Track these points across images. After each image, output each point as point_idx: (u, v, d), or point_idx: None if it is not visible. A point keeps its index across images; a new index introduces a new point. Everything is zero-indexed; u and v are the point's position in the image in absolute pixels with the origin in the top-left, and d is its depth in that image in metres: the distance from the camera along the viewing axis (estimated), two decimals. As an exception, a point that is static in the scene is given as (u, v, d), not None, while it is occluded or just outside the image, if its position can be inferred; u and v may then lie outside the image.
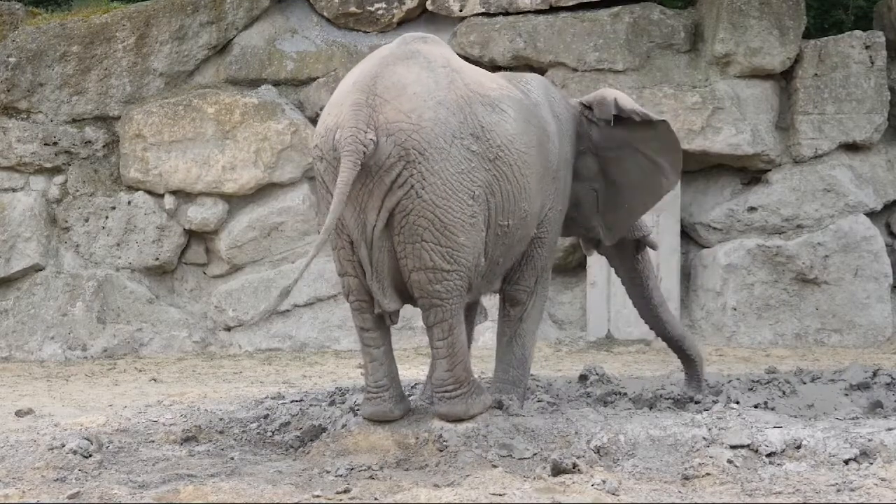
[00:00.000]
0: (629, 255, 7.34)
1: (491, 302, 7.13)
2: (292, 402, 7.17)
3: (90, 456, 6.04)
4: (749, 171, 12.35)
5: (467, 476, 5.62)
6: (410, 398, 6.63)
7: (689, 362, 7.48)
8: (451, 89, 6.04)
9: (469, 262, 6.05)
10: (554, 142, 6.58)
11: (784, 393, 7.17)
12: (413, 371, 9.30)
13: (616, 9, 12.21)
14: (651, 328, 7.55)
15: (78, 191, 11.93)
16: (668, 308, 7.59)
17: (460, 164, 5.95)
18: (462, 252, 6.00)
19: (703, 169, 12.39)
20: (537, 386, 7.50)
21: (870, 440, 5.80)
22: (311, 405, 6.91)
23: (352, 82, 6.06)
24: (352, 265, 6.10)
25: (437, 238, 5.91)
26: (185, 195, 11.95)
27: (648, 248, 7.38)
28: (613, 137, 6.92)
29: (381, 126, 5.86)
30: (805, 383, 7.57)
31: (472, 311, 6.96)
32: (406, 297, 6.15)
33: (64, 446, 6.13)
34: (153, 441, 6.52)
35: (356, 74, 6.12)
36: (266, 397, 7.57)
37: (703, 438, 5.86)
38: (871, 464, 5.65)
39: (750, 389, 7.29)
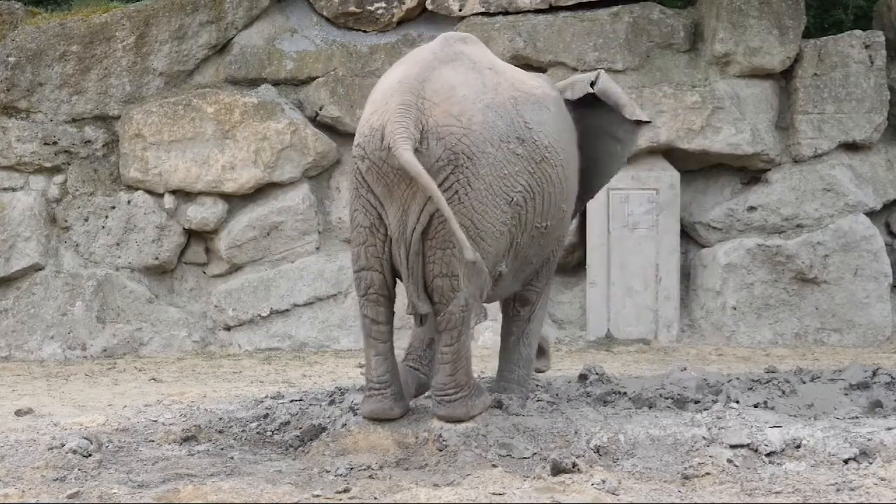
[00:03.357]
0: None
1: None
2: (292, 401, 7.17)
3: (90, 455, 6.04)
4: (749, 171, 12.36)
5: (467, 475, 5.62)
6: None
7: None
8: (498, 91, 6.02)
9: (489, 269, 6.05)
10: (575, 138, 6.60)
11: (784, 392, 7.17)
12: (413, 370, 9.28)
13: (616, 8, 12.21)
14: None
15: (78, 190, 11.93)
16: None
17: (503, 168, 5.93)
18: (486, 259, 6.00)
19: (703, 168, 12.40)
20: (537, 385, 7.50)
21: (869, 440, 5.81)
22: (310, 405, 6.91)
23: (397, 82, 5.98)
24: (379, 262, 6.06)
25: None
26: (184, 195, 11.95)
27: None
28: (581, 119, 6.84)
29: (430, 129, 5.81)
30: (805, 383, 7.57)
31: None
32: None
33: (63, 446, 6.13)
34: (153, 441, 6.52)
35: (400, 75, 6.04)
36: (266, 397, 7.57)
37: (703, 438, 5.87)
38: (871, 463, 5.65)
39: (750, 389, 7.29)
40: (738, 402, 6.80)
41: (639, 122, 6.86)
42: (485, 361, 9.00)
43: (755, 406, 6.73)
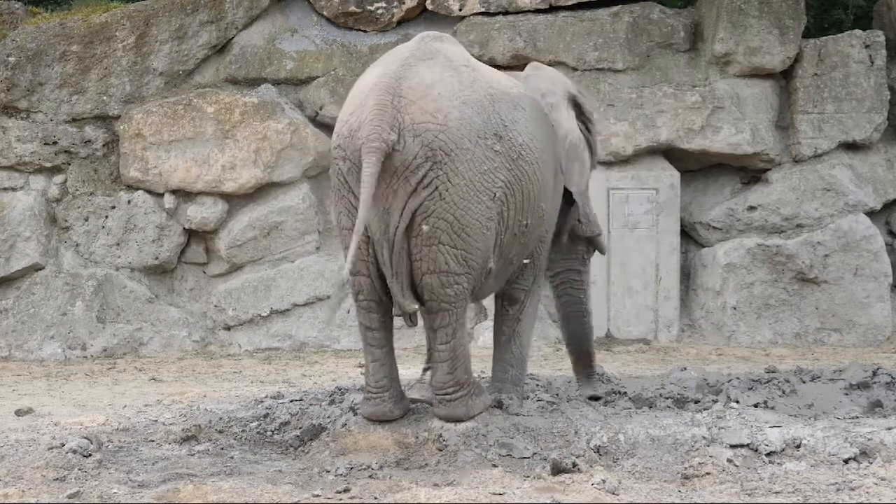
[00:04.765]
0: (575, 259, 7.24)
1: (490, 301, 7.13)
2: (292, 401, 7.17)
3: (90, 455, 6.03)
4: (749, 171, 12.36)
5: (467, 475, 5.61)
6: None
7: (587, 374, 7.40)
8: (475, 89, 6.02)
9: (478, 265, 6.05)
10: (555, 137, 6.61)
11: (784, 392, 7.17)
12: (413, 371, 9.29)
13: (616, 8, 12.22)
14: (569, 334, 7.41)
15: (78, 190, 11.93)
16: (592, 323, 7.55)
17: (483, 164, 5.93)
18: (474, 255, 5.99)
19: (703, 168, 12.41)
20: (537, 385, 7.50)
21: (869, 439, 5.81)
22: (310, 404, 6.91)
23: (374, 82, 6.00)
24: (365, 265, 6.05)
25: (454, 241, 5.90)
26: (184, 194, 11.95)
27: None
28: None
29: (407, 126, 5.82)
30: (805, 382, 7.57)
31: None
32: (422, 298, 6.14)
33: (64, 445, 6.13)
34: (153, 440, 6.52)
35: (377, 74, 6.06)
36: (266, 396, 7.57)
37: (703, 438, 5.86)
38: (871, 463, 5.65)
39: (750, 389, 7.29)
40: (738, 401, 6.80)
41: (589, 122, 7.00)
42: (485, 361, 8.99)
43: (755, 406, 6.73)
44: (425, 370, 7.00)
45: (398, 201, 5.84)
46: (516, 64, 11.95)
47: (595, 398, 7.15)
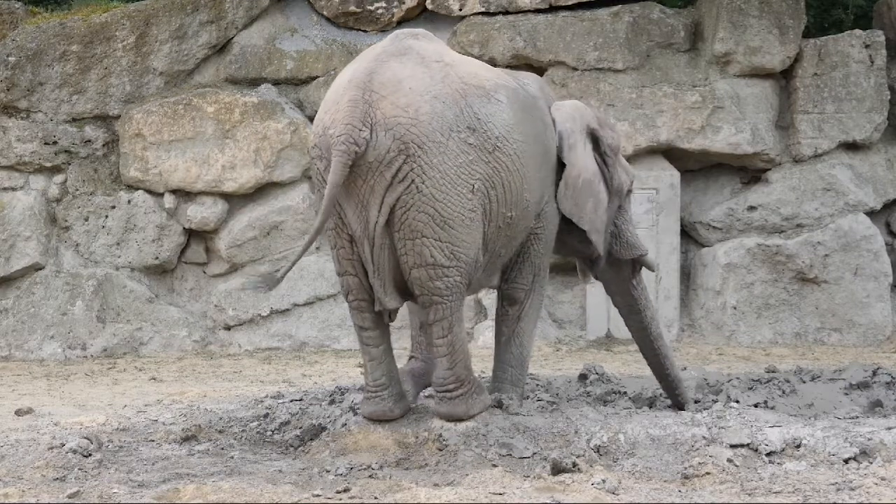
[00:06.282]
0: (625, 280, 7.24)
1: (490, 301, 7.14)
2: (292, 401, 7.16)
3: (90, 455, 6.04)
4: (749, 171, 12.36)
5: (467, 475, 5.61)
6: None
7: (678, 404, 7.15)
8: (446, 83, 6.04)
9: (468, 257, 6.04)
10: (552, 135, 6.59)
11: (784, 392, 7.18)
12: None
13: (616, 8, 12.21)
14: (648, 363, 7.28)
15: (78, 190, 11.93)
16: (667, 343, 7.35)
17: (458, 157, 5.94)
18: (461, 247, 5.99)
19: (703, 168, 12.40)
20: (537, 385, 7.50)
21: (869, 439, 5.81)
22: (310, 404, 6.91)
23: (347, 80, 6.07)
24: (351, 264, 6.08)
25: (437, 233, 5.91)
26: (184, 194, 11.95)
27: (645, 272, 7.30)
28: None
29: (379, 121, 5.86)
30: (805, 382, 7.57)
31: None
32: (407, 294, 6.15)
33: (64, 445, 6.13)
34: (153, 440, 6.52)
35: (351, 72, 6.14)
36: (266, 396, 7.57)
37: (703, 437, 5.87)
38: (871, 463, 5.65)
39: (750, 388, 7.29)
40: (738, 401, 6.80)
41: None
42: (485, 361, 8.99)
43: (755, 406, 6.73)
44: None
45: (375, 196, 5.87)
46: (517, 64, 11.96)
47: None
